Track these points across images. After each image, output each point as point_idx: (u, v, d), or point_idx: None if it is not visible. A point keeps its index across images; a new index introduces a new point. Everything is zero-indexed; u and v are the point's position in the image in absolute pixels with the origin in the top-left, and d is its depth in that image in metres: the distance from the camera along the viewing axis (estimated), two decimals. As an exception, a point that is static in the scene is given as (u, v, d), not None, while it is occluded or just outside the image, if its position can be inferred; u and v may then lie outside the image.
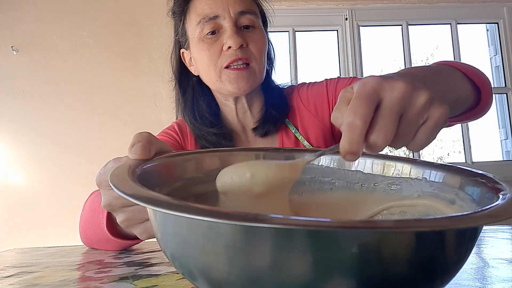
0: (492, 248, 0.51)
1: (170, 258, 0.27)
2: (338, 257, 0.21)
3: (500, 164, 2.25)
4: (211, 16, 0.76)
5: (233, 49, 0.75)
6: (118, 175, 0.30)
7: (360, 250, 0.21)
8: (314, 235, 0.21)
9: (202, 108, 0.84)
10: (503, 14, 2.32)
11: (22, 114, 2.03)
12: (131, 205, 0.45)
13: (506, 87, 2.30)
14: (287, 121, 0.86)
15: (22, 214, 1.96)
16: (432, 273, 0.23)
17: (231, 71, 0.76)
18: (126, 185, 0.27)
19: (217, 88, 0.81)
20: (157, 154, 0.39)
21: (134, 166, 0.34)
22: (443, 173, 0.36)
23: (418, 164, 0.39)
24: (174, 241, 0.26)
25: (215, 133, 0.83)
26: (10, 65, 2.05)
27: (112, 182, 0.28)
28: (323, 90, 0.87)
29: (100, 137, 1.98)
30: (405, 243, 0.21)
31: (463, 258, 0.25)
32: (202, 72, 0.81)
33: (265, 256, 0.22)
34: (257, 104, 0.86)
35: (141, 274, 0.41)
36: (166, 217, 0.26)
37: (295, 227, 0.20)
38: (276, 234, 0.21)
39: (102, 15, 2.10)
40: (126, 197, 0.25)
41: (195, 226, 0.24)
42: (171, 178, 0.39)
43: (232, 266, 0.23)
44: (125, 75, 2.06)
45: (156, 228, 0.28)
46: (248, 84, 0.77)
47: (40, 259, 0.56)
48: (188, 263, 0.25)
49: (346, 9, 2.26)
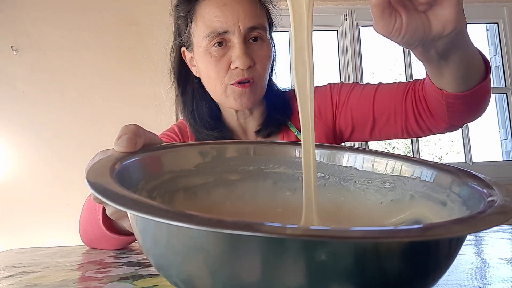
0: (492, 248, 0.51)
1: (154, 266, 0.26)
2: (333, 267, 0.20)
3: (500, 164, 2.25)
4: (221, 31, 0.74)
5: (240, 68, 0.74)
6: (96, 170, 0.28)
7: (356, 258, 0.20)
8: (309, 244, 0.20)
9: (203, 111, 0.83)
10: (503, 14, 2.33)
11: (22, 114, 2.03)
12: None
13: (506, 87, 2.30)
14: (289, 123, 0.86)
15: (22, 214, 1.96)
16: (423, 271, 0.22)
17: (236, 88, 0.76)
18: (101, 182, 0.26)
19: (219, 101, 0.81)
20: (146, 146, 0.38)
21: (118, 159, 0.33)
22: (436, 173, 0.36)
23: (412, 162, 0.39)
24: (155, 249, 0.25)
25: (215, 136, 0.82)
26: (10, 65, 2.05)
27: (88, 178, 0.27)
28: (326, 93, 0.87)
29: (100, 137, 1.98)
30: (398, 250, 0.21)
31: (453, 254, 0.24)
32: (206, 82, 0.81)
33: (254, 268, 0.20)
34: (259, 109, 0.86)
35: (141, 274, 0.41)
36: (145, 223, 0.25)
37: (288, 236, 0.19)
38: (267, 244, 0.20)
39: (102, 15, 2.10)
40: (96, 195, 0.24)
41: (174, 233, 0.22)
42: (159, 171, 0.38)
43: (217, 278, 0.22)
44: (125, 75, 2.06)
45: (138, 235, 0.27)
46: (250, 100, 0.77)
47: (40, 259, 0.56)
48: (171, 274, 0.24)
49: (346, 9, 2.26)
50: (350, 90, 0.85)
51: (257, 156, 0.44)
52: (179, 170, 0.40)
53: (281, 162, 0.44)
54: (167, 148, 0.40)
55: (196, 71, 0.83)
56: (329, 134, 0.86)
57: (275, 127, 0.84)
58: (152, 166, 0.37)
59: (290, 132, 0.86)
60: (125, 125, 0.38)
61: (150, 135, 0.40)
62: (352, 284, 0.20)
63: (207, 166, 0.41)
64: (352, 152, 0.43)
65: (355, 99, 0.83)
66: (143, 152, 0.37)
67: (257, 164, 0.44)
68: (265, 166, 0.44)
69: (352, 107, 0.84)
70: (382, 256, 0.21)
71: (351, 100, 0.84)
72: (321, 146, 0.44)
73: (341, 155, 0.42)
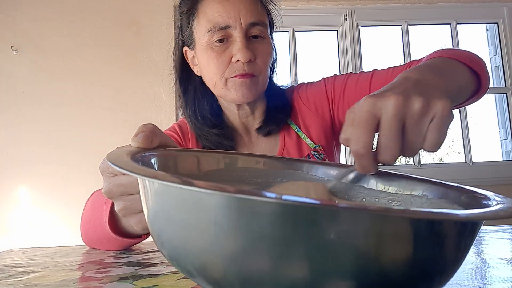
0: (492, 248, 0.51)
1: (167, 258, 0.27)
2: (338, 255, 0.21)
3: (500, 164, 2.25)
4: (223, 25, 0.75)
5: (241, 62, 0.75)
6: (117, 154, 0.30)
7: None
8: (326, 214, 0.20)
9: (205, 109, 0.84)
10: (503, 14, 2.32)
11: (22, 114, 2.03)
12: (130, 194, 0.47)
13: (506, 87, 2.30)
14: (289, 121, 0.87)
15: (22, 214, 1.96)
16: (430, 272, 0.23)
17: (236, 78, 0.76)
18: (122, 161, 0.28)
19: (221, 95, 0.81)
20: (160, 147, 0.39)
21: (134, 152, 0.34)
22: (442, 190, 0.36)
23: (419, 181, 0.39)
24: (170, 239, 0.25)
25: (217, 133, 0.83)
26: (10, 65, 2.05)
27: (109, 159, 0.28)
28: (322, 88, 0.88)
29: (100, 137, 1.98)
30: (404, 238, 0.21)
31: (461, 257, 0.25)
32: (206, 77, 0.81)
33: (264, 254, 0.21)
34: (260, 108, 0.86)
35: (141, 274, 0.41)
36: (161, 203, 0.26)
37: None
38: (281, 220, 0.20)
39: (102, 15, 2.10)
40: (120, 169, 0.26)
41: (196, 211, 0.23)
42: (168, 171, 0.39)
43: (230, 265, 0.22)
44: (125, 75, 2.06)
45: (151, 216, 0.28)
46: (251, 93, 0.77)
47: (40, 259, 0.56)
48: (185, 263, 0.25)
49: (346, 9, 2.26)
50: (345, 82, 0.85)
51: (266, 168, 0.45)
52: (187, 174, 0.41)
53: (288, 176, 0.45)
54: (180, 151, 0.42)
55: (197, 70, 0.84)
56: (327, 128, 0.87)
57: (275, 124, 0.85)
58: (163, 165, 0.38)
59: (290, 129, 0.87)
60: (143, 124, 0.40)
61: (166, 137, 0.42)
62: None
63: (216, 174, 0.42)
64: None
65: (351, 90, 0.83)
66: (157, 151, 0.38)
67: (266, 177, 0.45)
68: (273, 180, 0.45)
69: (349, 99, 0.83)
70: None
71: (347, 92, 0.84)
72: (328, 164, 0.45)
73: (348, 174, 0.42)
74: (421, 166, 2.19)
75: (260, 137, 0.87)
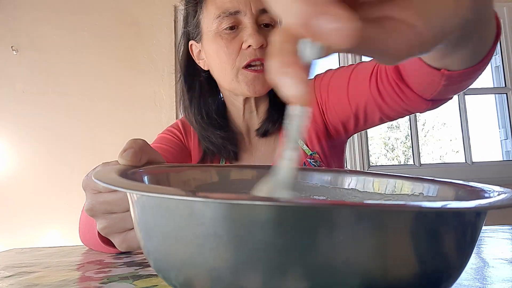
0: (492, 248, 0.51)
1: (154, 268, 0.26)
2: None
3: (500, 164, 2.25)
4: (232, 11, 0.73)
5: (253, 48, 0.72)
6: (104, 172, 0.29)
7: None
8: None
9: (211, 108, 0.82)
10: (503, 14, 2.33)
11: (22, 114, 2.03)
12: (113, 213, 0.45)
13: (506, 87, 2.30)
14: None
15: (22, 214, 1.96)
16: (436, 276, 0.22)
17: (248, 72, 0.74)
18: (110, 178, 0.26)
19: (230, 88, 0.78)
20: (148, 164, 0.38)
21: (121, 170, 0.32)
22: (438, 187, 0.36)
23: (412, 180, 0.38)
24: (159, 251, 0.24)
25: (222, 136, 0.81)
26: (10, 65, 2.05)
27: (96, 177, 0.26)
28: (312, 90, 0.86)
29: (100, 137, 1.98)
30: (405, 237, 0.21)
31: (465, 259, 0.25)
32: (215, 68, 0.78)
33: (253, 270, 0.20)
34: (263, 105, 0.85)
35: (141, 274, 0.41)
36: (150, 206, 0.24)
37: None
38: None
39: (102, 15, 2.10)
40: (107, 186, 0.24)
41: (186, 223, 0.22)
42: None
43: (216, 280, 0.21)
44: (125, 75, 2.06)
45: (137, 227, 0.26)
46: (264, 88, 0.75)
47: (40, 259, 0.56)
48: (170, 277, 0.24)
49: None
50: (328, 83, 0.80)
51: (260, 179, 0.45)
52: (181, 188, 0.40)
53: None
54: (170, 167, 0.40)
55: (204, 64, 0.81)
56: (321, 134, 0.83)
57: (275, 126, 0.84)
58: (155, 182, 0.37)
59: None
60: (132, 139, 0.38)
61: (155, 153, 0.40)
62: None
63: (207, 188, 0.41)
64: (353, 175, 0.42)
65: (333, 93, 0.78)
66: (145, 168, 0.36)
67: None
68: None
69: (333, 104, 0.79)
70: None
71: (331, 96, 0.79)
72: (321, 170, 0.45)
73: (343, 178, 0.42)
74: (421, 166, 2.20)
75: (259, 140, 0.86)
